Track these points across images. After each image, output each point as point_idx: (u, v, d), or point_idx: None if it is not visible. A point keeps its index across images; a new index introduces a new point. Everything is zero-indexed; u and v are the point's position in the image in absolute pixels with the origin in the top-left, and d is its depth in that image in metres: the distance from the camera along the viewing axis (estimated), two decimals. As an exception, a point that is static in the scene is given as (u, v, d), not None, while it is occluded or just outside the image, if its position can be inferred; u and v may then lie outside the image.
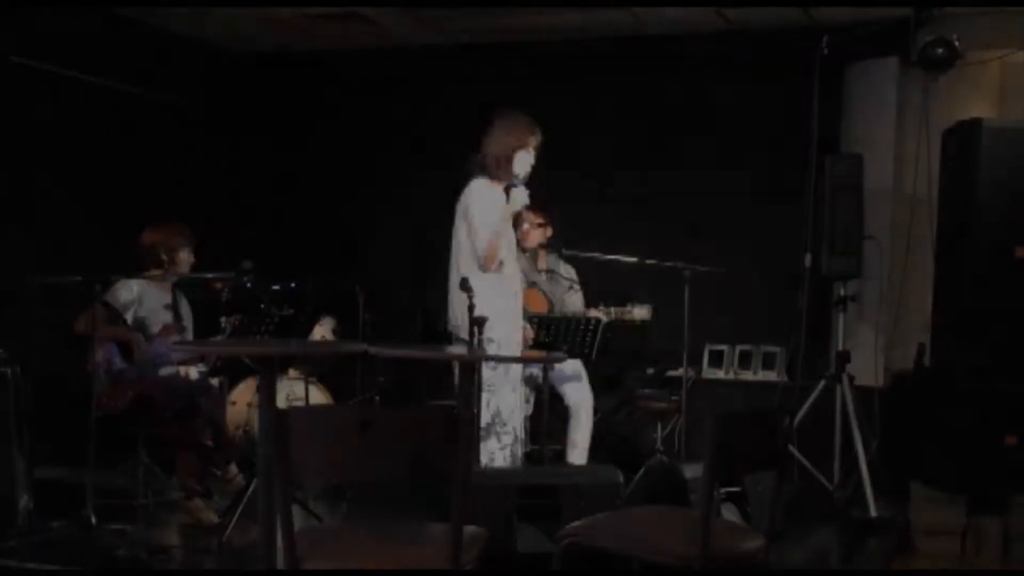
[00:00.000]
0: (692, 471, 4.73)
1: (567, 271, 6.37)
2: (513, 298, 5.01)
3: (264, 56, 8.17)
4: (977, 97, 6.65)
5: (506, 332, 4.93)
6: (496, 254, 4.91)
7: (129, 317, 5.46)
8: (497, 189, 4.99)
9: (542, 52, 7.61)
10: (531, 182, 5.08)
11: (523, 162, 4.98)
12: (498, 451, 4.91)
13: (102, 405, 5.14)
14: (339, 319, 6.91)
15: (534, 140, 4.96)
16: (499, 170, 4.98)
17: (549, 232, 6.26)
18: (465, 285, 4.76)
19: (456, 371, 4.95)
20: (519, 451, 5.05)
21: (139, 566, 4.48)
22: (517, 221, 6.03)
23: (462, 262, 4.98)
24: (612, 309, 5.99)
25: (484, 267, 4.92)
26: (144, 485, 5.41)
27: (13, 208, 6.43)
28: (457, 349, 4.85)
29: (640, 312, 5.98)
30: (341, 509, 5.61)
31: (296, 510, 4.94)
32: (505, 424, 4.91)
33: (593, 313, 5.93)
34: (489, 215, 4.91)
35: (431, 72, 7.99)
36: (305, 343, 5.55)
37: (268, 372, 3.93)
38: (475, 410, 4.67)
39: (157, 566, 4.53)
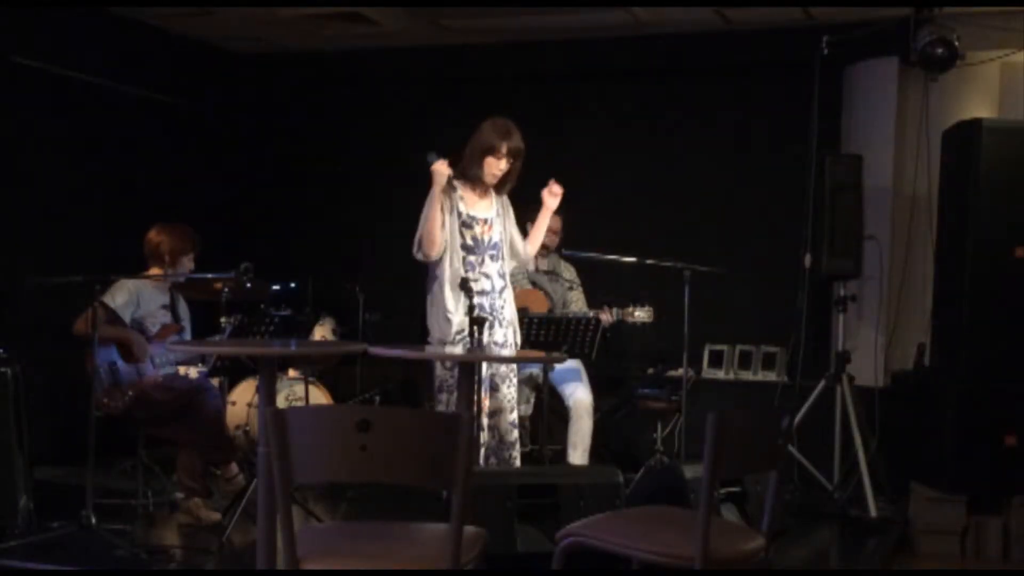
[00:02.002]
0: (692, 471, 4.72)
1: (568, 271, 6.37)
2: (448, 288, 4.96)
3: (264, 56, 8.17)
4: (977, 97, 6.66)
5: (438, 326, 4.93)
6: (432, 236, 4.83)
7: (127, 318, 5.46)
8: (459, 188, 4.92)
9: (542, 52, 7.61)
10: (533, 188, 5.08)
11: (492, 168, 4.89)
12: (478, 450, 4.90)
13: (102, 405, 5.14)
14: (339, 319, 6.92)
15: (505, 145, 4.84)
16: (468, 169, 4.93)
17: (559, 238, 6.25)
18: (465, 285, 4.77)
19: (435, 372, 4.95)
20: (494, 453, 5.03)
21: (139, 566, 4.47)
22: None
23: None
24: (615, 310, 6.00)
25: (419, 249, 4.89)
26: (144, 485, 5.41)
27: (13, 208, 6.43)
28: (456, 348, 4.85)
29: (642, 314, 6.00)
30: (341, 509, 5.62)
31: (296, 510, 4.94)
32: None
33: (603, 316, 5.94)
34: (434, 207, 4.88)
35: (431, 72, 7.99)
36: (305, 343, 5.54)
37: (268, 372, 3.93)
38: (475, 410, 4.66)
39: (157, 566, 4.52)
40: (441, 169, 4.79)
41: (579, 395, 6.08)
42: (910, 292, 6.68)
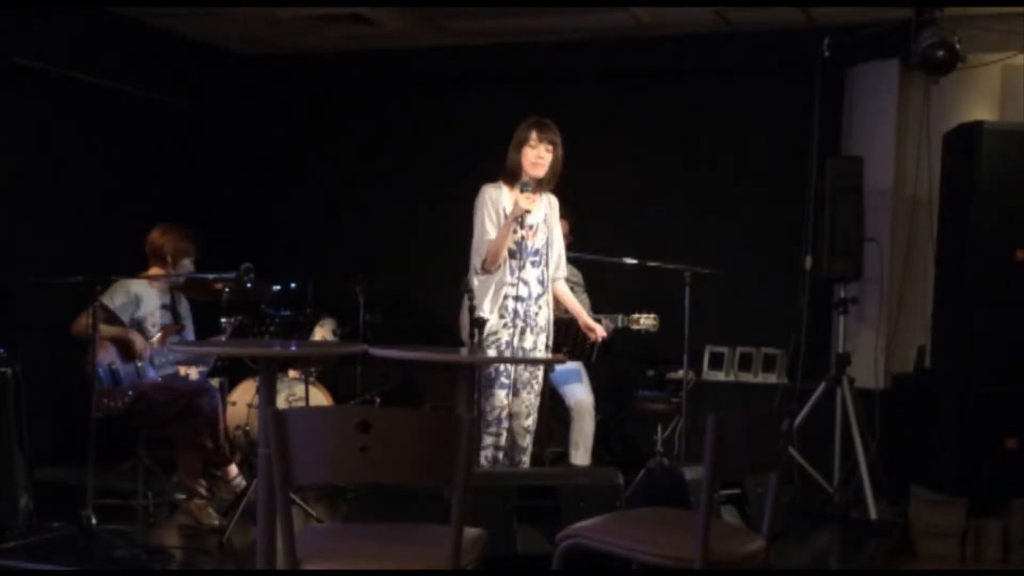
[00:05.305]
0: (692, 473, 4.73)
1: (573, 274, 6.36)
2: (504, 299, 4.98)
3: (264, 56, 8.17)
4: (978, 100, 6.66)
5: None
6: (496, 256, 4.91)
7: (126, 318, 5.46)
8: (506, 192, 5.00)
9: (542, 52, 7.61)
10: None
11: (529, 157, 4.95)
12: (477, 450, 4.91)
13: (102, 405, 5.14)
14: (339, 320, 6.92)
15: (534, 133, 4.93)
16: (513, 169, 5.00)
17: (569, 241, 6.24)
18: (465, 286, 4.77)
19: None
20: (505, 454, 5.02)
21: (139, 566, 4.47)
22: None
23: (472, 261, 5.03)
24: (620, 317, 6.00)
25: (482, 268, 4.95)
26: (144, 485, 5.40)
27: (13, 208, 6.43)
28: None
29: (647, 322, 6.00)
30: (341, 509, 5.62)
31: (296, 510, 4.94)
32: (490, 425, 4.91)
33: (603, 325, 5.93)
34: (483, 219, 4.97)
35: (431, 73, 7.98)
36: (305, 344, 5.54)
37: (268, 372, 3.93)
38: (475, 411, 4.66)
39: (157, 566, 4.52)
40: (522, 203, 4.87)
41: (580, 396, 6.08)
42: (910, 294, 6.68)
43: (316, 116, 8.35)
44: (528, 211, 4.91)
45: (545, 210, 5.08)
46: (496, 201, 4.98)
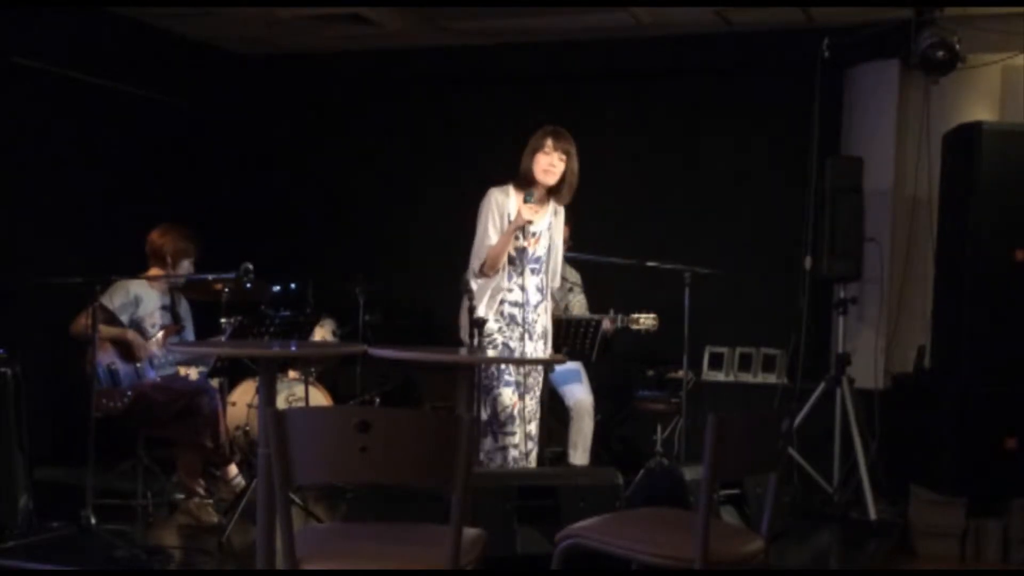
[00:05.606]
0: (692, 473, 4.73)
1: (572, 274, 6.36)
2: (501, 304, 4.99)
3: (264, 56, 8.17)
4: (977, 100, 6.66)
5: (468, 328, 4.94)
6: (495, 262, 4.90)
7: (125, 319, 5.46)
8: (514, 197, 4.99)
9: (542, 52, 7.61)
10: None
11: (541, 164, 4.93)
12: (496, 451, 4.91)
13: (101, 405, 5.14)
14: (339, 320, 6.92)
15: (550, 141, 4.92)
16: (524, 174, 4.98)
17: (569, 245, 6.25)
18: (464, 286, 4.77)
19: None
20: (521, 455, 5.02)
21: (139, 566, 4.47)
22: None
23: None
24: (619, 316, 6.00)
25: (480, 271, 4.94)
26: (143, 485, 5.40)
27: (13, 208, 6.43)
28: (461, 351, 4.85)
29: (647, 321, 6.01)
30: (341, 509, 5.62)
31: (296, 510, 4.94)
32: (504, 425, 4.91)
33: (607, 324, 5.93)
34: (486, 222, 4.95)
35: (431, 73, 7.99)
36: (305, 344, 5.54)
37: (268, 373, 3.94)
38: (475, 412, 4.66)
39: (157, 566, 4.52)
40: (524, 214, 4.86)
41: (579, 396, 6.09)
42: (910, 294, 6.68)
43: (316, 116, 8.35)
44: (530, 222, 4.89)
45: (550, 218, 5.07)
46: (502, 206, 4.96)
